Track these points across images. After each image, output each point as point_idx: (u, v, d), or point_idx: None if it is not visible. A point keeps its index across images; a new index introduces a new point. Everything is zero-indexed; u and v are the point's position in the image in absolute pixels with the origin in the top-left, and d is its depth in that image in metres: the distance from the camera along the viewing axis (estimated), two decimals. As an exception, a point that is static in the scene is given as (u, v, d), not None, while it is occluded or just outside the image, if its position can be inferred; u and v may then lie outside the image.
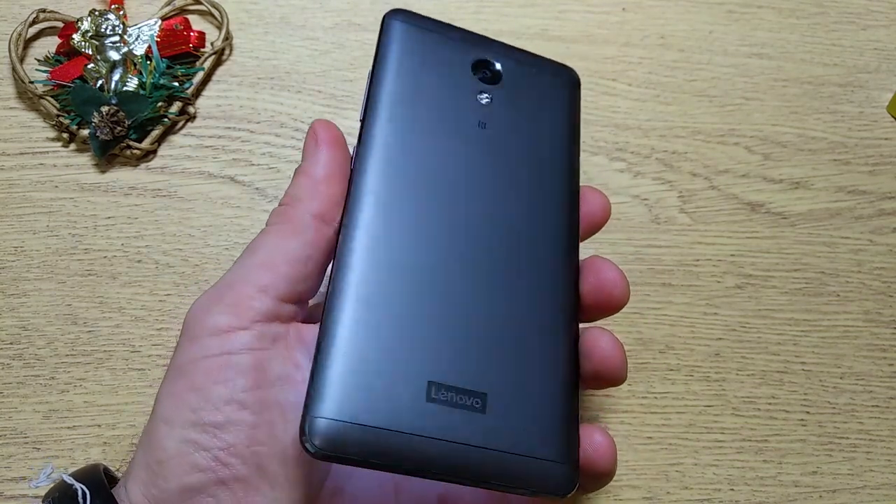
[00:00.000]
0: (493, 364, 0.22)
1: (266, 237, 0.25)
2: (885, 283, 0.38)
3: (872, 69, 0.43)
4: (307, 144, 0.26)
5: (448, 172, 0.25)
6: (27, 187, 0.37)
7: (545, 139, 0.27)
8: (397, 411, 0.21)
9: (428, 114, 0.25)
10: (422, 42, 0.26)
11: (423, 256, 0.23)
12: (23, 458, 0.32)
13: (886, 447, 0.35)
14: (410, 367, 0.21)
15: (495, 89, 0.27)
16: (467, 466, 0.21)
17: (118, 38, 0.39)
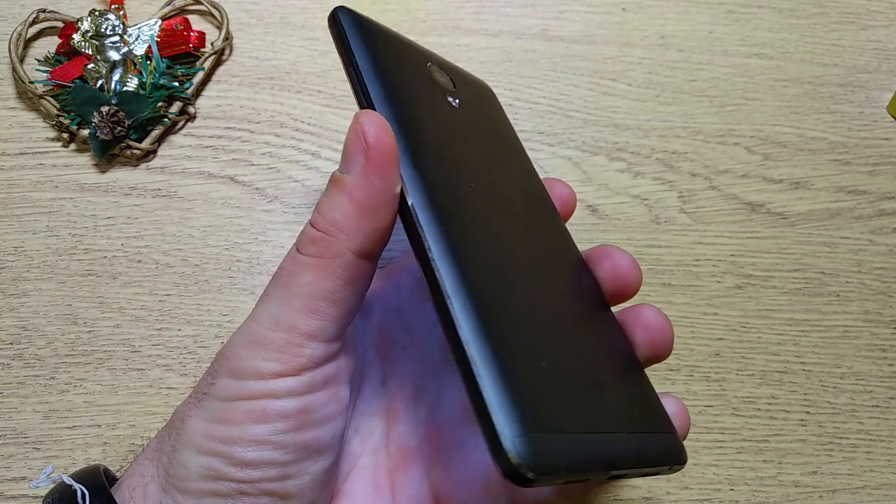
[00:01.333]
0: (591, 354, 0.22)
1: (305, 272, 0.22)
2: (884, 283, 0.38)
3: (872, 69, 0.43)
4: (353, 150, 0.22)
5: (480, 178, 0.24)
6: (27, 187, 0.37)
7: (505, 142, 0.29)
8: (579, 413, 0.19)
9: (433, 119, 0.25)
10: (385, 43, 0.25)
11: (510, 267, 0.22)
12: (23, 458, 0.32)
13: (886, 447, 0.35)
14: (561, 369, 0.20)
15: (454, 93, 0.27)
16: (639, 453, 0.20)
17: (118, 38, 0.39)
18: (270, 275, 0.36)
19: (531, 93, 0.40)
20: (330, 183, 0.22)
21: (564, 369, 0.20)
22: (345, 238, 0.22)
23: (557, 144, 0.39)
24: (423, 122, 0.23)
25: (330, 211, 0.22)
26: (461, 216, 0.21)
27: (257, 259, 0.36)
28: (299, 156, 0.38)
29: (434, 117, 0.24)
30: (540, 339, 0.20)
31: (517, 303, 0.20)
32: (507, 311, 0.20)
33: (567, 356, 0.21)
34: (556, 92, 0.41)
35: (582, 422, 0.19)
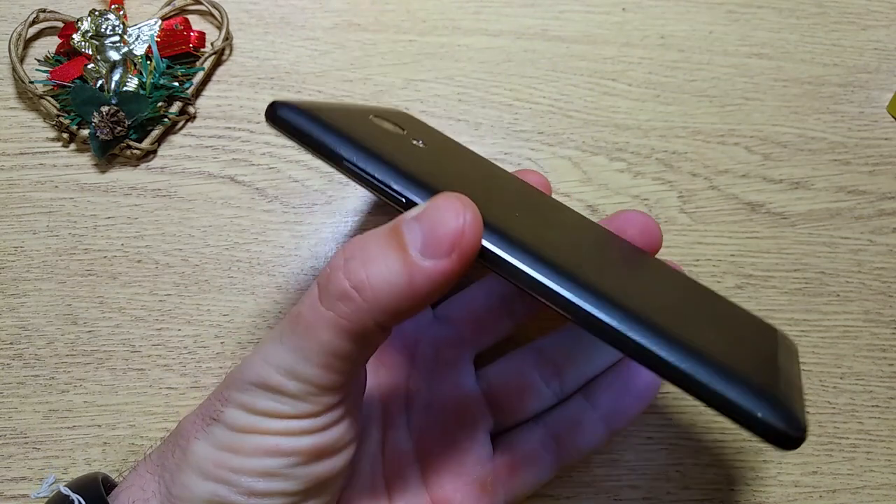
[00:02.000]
0: (705, 307, 0.25)
1: (325, 329, 0.20)
2: (885, 283, 0.38)
3: (873, 69, 0.43)
4: (443, 238, 0.19)
5: (507, 199, 0.24)
6: (27, 187, 0.37)
7: (471, 154, 0.30)
8: (758, 363, 0.21)
9: (429, 167, 0.23)
10: (341, 119, 0.23)
11: (598, 263, 0.22)
12: (23, 459, 0.32)
13: (886, 447, 0.35)
14: (722, 335, 0.22)
15: (410, 135, 0.26)
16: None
17: (118, 38, 0.39)
18: (270, 275, 0.36)
19: (531, 93, 0.40)
20: (390, 236, 0.19)
21: (723, 333, 0.21)
22: (379, 313, 0.19)
23: (557, 144, 0.39)
24: (428, 175, 0.22)
25: (377, 276, 0.19)
26: (547, 248, 0.20)
27: (257, 259, 0.36)
28: (299, 156, 0.38)
29: (427, 165, 0.23)
30: (685, 316, 0.21)
31: (638, 292, 0.21)
32: (645, 304, 0.20)
33: (704, 320, 0.22)
34: (556, 92, 0.41)
35: (763, 369, 0.20)
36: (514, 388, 0.29)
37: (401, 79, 0.40)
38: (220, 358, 0.34)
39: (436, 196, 0.20)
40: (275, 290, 0.35)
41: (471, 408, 0.29)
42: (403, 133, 0.26)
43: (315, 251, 0.36)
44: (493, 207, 0.21)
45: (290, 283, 0.36)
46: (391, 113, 0.28)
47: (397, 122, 0.27)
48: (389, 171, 0.21)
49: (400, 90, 0.40)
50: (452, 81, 0.40)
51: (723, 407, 0.18)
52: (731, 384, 0.18)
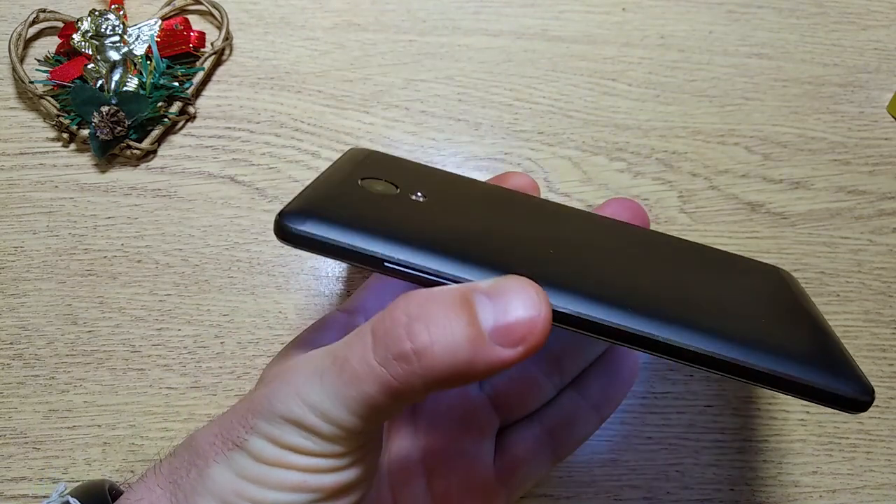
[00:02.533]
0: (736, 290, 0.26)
1: (372, 384, 0.19)
2: (884, 283, 0.38)
3: (872, 69, 0.43)
4: (516, 326, 0.19)
5: (531, 233, 0.24)
6: (27, 187, 0.37)
7: (472, 182, 0.30)
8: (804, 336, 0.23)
9: (439, 226, 0.22)
10: (350, 206, 0.22)
11: (641, 280, 0.23)
12: (23, 458, 0.32)
13: (886, 447, 0.35)
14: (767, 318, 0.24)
15: (406, 189, 0.24)
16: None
17: (118, 38, 0.39)
18: (270, 275, 0.36)
19: (531, 93, 0.40)
20: (462, 307, 0.19)
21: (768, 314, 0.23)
22: (431, 380, 0.19)
23: (557, 144, 0.39)
24: (462, 244, 0.21)
25: (441, 346, 0.19)
26: (603, 286, 0.21)
27: (257, 259, 0.36)
28: (299, 156, 0.38)
29: (450, 230, 0.22)
30: (731, 306, 0.22)
31: (689, 297, 0.22)
32: (709, 314, 0.21)
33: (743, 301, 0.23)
34: (556, 92, 0.41)
35: (812, 335, 0.22)
36: (519, 387, 0.29)
37: (401, 79, 0.40)
38: (220, 358, 0.34)
39: (508, 279, 0.19)
40: (275, 290, 0.35)
41: (477, 414, 0.29)
42: (398, 191, 0.24)
43: (315, 251, 0.36)
44: (537, 256, 0.21)
45: (289, 283, 0.36)
46: (368, 164, 0.25)
47: (379, 173, 0.25)
48: (436, 259, 0.20)
49: (400, 90, 0.40)
50: (452, 81, 0.40)
51: (801, 393, 0.20)
52: (810, 371, 0.20)
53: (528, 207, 0.26)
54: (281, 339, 0.35)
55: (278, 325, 0.35)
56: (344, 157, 0.25)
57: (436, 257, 0.20)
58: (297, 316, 0.35)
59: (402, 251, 0.20)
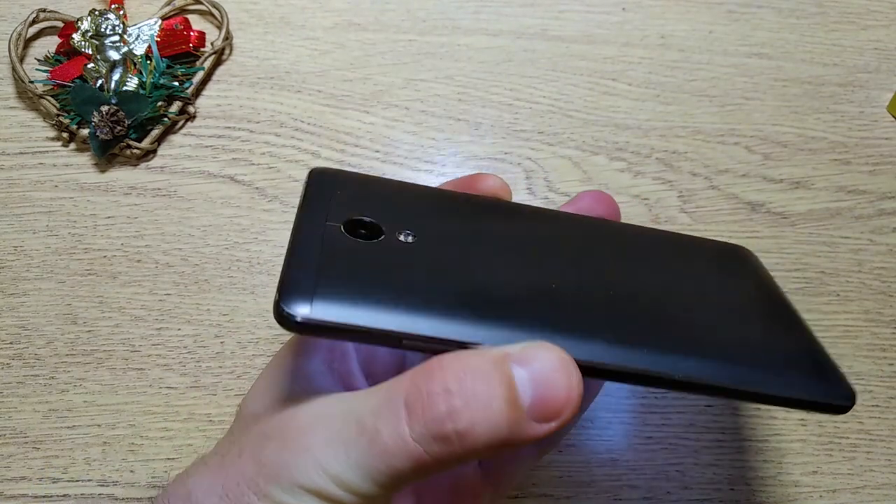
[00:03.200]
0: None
1: (405, 462, 0.19)
2: (885, 282, 0.38)
3: (872, 69, 0.43)
4: (552, 401, 0.19)
5: (534, 268, 0.23)
6: (27, 187, 0.37)
7: (478, 203, 0.29)
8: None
9: (433, 277, 0.22)
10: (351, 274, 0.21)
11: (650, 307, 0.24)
12: (22, 458, 0.32)
13: (886, 447, 0.35)
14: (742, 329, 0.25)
15: (393, 228, 0.22)
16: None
17: (118, 38, 0.39)
18: (270, 274, 0.36)
19: (531, 92, 0.40)
20: (501, 382, 0.19)
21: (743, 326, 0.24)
22: (468, 457, 0.19)
23: (557, 144, 0.39)
24: (455, 299, 0.20)
25: (482, 426, 0.18)
26: (585, 316, 0.21)
27: (257, 258, 0.36)
28: (299, 155, 0.38)
29: (453, 281, 0.21)
30: (707, 316, 0.23)
31: (678, 319, 0.23)
32: (701, 339, 0.22)
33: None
34: (556, 91, 0.41)
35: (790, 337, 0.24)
36: None
37: (401, 78, 0.40)
38: (220, 357, 0.34)
39: (540, 349, 0.19)
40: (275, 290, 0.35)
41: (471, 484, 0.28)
42: (384, 235, 0.22)
43: (315, 251, 0.36)
44: (545, 296, 0.21)
45: (289, 283, 0.36)
46: (339, 197, 0.23)
47: (355, 207, 0.23)
48: (454, 327, 0.19)
49: (400, 90, 0.40)
50: (452, 81, 0.40)
51: (784, 405, 0.21)
52: (791, 384, 0.21)
53: (510, 222, 0.25)
54: (281, 339, 0.34)
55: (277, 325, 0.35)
56: (311, 193, 0.23)
57: (454, 325, 0.19)
58: (296, 315, 0.35)
59: (419, 324, 0.19)
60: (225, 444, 0.23)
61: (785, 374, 0.21)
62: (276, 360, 0.25)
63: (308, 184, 0.23)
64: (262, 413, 0.22)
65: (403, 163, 0.39)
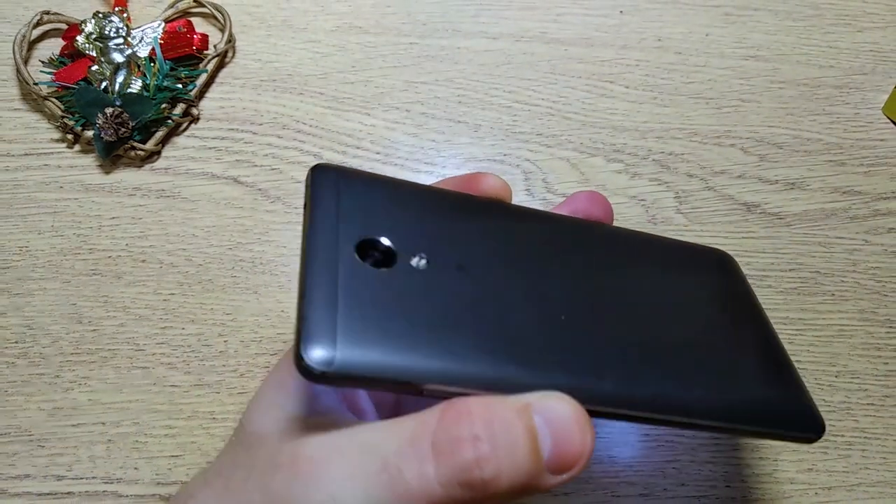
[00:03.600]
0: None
1: (415, 499, 0.19)
2: (879, 282, 0.38)
3: (868, 71, 0.43)
4: (566, 454, 0.19)
5: (553, 309, 0.23)
6: (32, 188, 0.37)
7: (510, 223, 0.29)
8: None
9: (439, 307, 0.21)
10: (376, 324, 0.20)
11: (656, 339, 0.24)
12: (27, 456, 0.32)
13: (882, 445, 0.35)
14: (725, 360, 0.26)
15: (408, 251, 0.22)
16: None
17: (122, 41, 0.39)
18: (273, 274, 0.36)
19: (530, 95, 0.41)
20: (525, 432, 0.19)
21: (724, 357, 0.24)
22: (487, 502, 0.19)
23: (555, 146, 0.40)
24: (471, 343, 0.20)
25: (507, 475, 0.18)
26: (593, 359, 0.21)
27: (260, 259, 0.36)
28: (302, 157, 0.39)
29: (456, 317, 0.20)
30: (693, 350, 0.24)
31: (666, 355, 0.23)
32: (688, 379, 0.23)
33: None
34: (554, 94, 0.41)
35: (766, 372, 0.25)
36: None
37: (401, 81, 0.41)
38: (224, 356, 0.34)
39: (559, 403, 0.20)
40: (277, 290, 0.36)
41: None
42: (398, 261, 0.21)
43: (317, 251, 0.37)
44: (556, 334, 0.21)
45: (292, 283, 0.36)
46: (348, 205, 0.22)
47: (366, 223, 0.22)
48: (475, 377, 0.19)
49: (400, 92, 0.40)
50: (452, 84, 0.41)
51: (752, 436, 0.23)
52: (767, 419, 0.23)
53: (514, 235, 0.25)
54: (283, 338, 0.35)
55: (281, 324, 0.35)
56: (317, 198, 0.22)
57: (474, 373, 0.19)
58: (298, 315, 0.35)
59: (441, 374, 0.19)
60: (228, 463, 0.22)
61: (755, 407, 0.23)
62: (277, 376, 0.24)
63: (312, 186, 0.22)
64: (266, 435, 0.22)
65: (404, 164, 0.39)
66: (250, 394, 0.34)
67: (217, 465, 0.23)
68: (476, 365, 0.19)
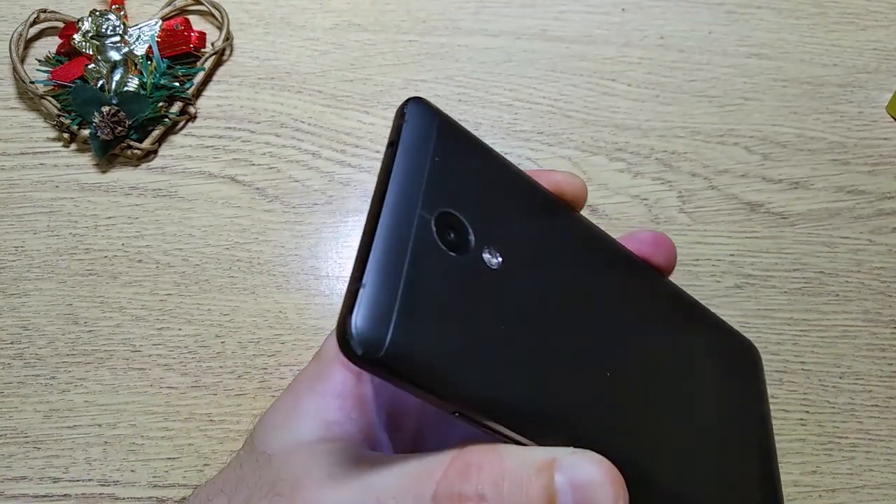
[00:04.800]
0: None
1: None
2: (884, 282, 0.38)
3: (872, 69, 0.43)
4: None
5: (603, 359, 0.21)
6: (28, 187, 0.37)
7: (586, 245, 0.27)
8: None
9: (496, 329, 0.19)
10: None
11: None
12: (23, 458, 0.32)
13: (886, 447, 0.35)
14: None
15: (481, 244, 0.18)
16: None
17: (119, 39, 0.39)
18: (271, 274, 0.36)
19: (531, 93, 0.41)
20: (543, 498, 0.17)
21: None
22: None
23: (557, 144, 0.40)
24: (519, 386, 0.17)
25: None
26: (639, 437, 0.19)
27: (257, 259, 0.36)
28: (300, 156, 0.38)
29: (512, 348, 0.17)
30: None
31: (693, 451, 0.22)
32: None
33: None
34: (555, 92, 0.41)
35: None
36: None
37: (401, 79, 0.40)
38: (221, 357, 0.34)
39: (592, 463, 0.17)
40: (275, 290, 0.35)
41: None
42: (471, 249, 0.18)
43: (315, 251, 0.36)
44: (603, 395, 0.19)
45: (290, 283, 0.36)
46: (441, 164, 0.18)
47: (451, 204, 0.18)
48: (511, 416, 0.17)
49: (400, 90, 0.40)
50: (452, 81, 0.41)
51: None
52: None
53: (579, 256, 0.23)
54: (281, 339, 0.35)
55: (278, 325, 0.35)
56: (410, 141, 0.18)
57: (513, 412, 0.17)
58: (297, 316, 0.35)
59: (481, 403, 0.16)
60: (232, 479, 0.22)
61: None
62: (293, 397, 0.23)
63: (408, 125, 0.18)
64: (273, 455, 0.21)
65: (403, 163, 0.39)
66: (248, 395, 0.34)
67: (221, 480, 0.23)
68: (518, 403, 0.17)
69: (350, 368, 0.23)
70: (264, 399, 0.34)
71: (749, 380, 0.26)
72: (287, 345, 0.35)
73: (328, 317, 0.35)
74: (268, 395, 0.34)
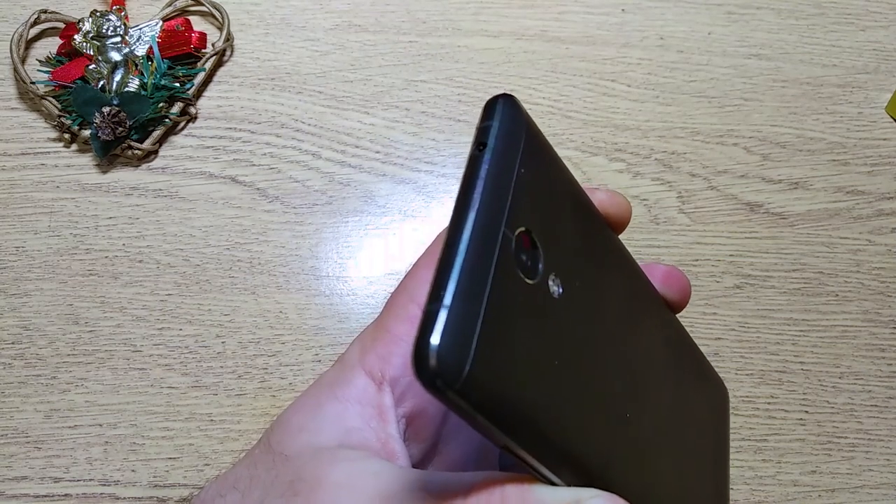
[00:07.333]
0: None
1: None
2: (883, 283, 0.38)
3: (871, 70, 0.43)
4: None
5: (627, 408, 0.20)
6: (28, 187, 0.37)
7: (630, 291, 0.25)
8: None
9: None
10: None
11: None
12: (24, 458, 0.32)
13: (885, 447, 0.35)
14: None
15: (547, 270, 0.16)
16: None
17: (119, 39, 0.39)
18: (271, 274, 0.36)
19: (531, 93, 0.41)
20: None
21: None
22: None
23: (557, 145, 0.39)
24: (568, 432, 0.16)
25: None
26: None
27: (258, 259, 0.36)
28: (300, 156, 0.38)
29: (562, 394, 0.17)
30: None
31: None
32: None
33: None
34: (555, 93, 0.41)
35: None
36: None
37: (401, 79, 0.40)
38: (221, 357, 0.34)
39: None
40: (275, 290, 0.36)
41: None
42: (538, 277, 0.16)
43: (316, 251, 0.37)
44: (625, 439, 0.19)
45: (290, 283, 0.36)
46: (523, 178, 0.16)
47: (531, 223, 0.16)
48: (556, 462, 0.16)
49: (400, 91, 0.40)
50: (452, 82, 0.41)
51: None
52: None
53: (620, 291, 0.22)
54: (281, 339, 0.35)
55: (279, 325, 0.35)
56: (506, 149, 0.16)
57: (551, 453, 0.16)
58: (297, 316, 0.35)
59: (531, 441, 0.16)
60: (245, 476, 0.22)
61: None
62: (313, 399, 0.23)
63: (496, 125, 0.16)
64: (291, 457, 0.21)
65: (404, 164, 0.39)
66: (248, 395, 0.34)
67: (233, 477, 0.23)
68: (565, 444, 0.16)
69: (373, 376, 0.22)
70: (265, 399, 0.34)
71: (719, 422, 0.26)
72: (287, 345, 0.35)
73: (328, 317, 0.35)
74: (268, 395, 0.34)
